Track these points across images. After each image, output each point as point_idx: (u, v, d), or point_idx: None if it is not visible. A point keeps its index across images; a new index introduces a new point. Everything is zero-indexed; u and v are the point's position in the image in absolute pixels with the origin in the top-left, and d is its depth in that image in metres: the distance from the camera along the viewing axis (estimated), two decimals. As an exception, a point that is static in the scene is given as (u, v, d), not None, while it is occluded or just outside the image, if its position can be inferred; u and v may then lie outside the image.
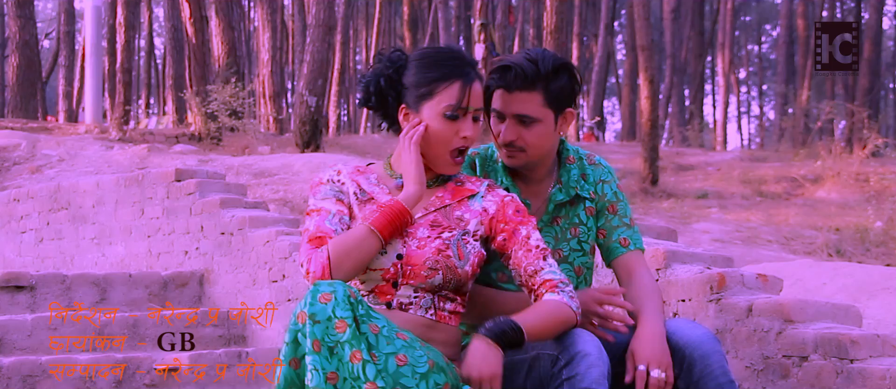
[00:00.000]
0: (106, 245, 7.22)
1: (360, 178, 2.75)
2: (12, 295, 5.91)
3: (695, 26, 33.80)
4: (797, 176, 15.63)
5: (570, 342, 2.53)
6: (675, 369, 2.63)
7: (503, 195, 2.73)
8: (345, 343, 2.29)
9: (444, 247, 2.61)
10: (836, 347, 3.21)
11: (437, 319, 2.63)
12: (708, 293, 3.67)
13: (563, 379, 2.47)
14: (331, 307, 2.30)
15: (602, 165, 3.04)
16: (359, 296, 2.38)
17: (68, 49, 29.96)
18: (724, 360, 2.62)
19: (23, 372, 4.95)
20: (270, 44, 25.77)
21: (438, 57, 2.69)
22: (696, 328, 2.67)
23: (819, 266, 5.95)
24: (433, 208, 2.69)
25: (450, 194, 2.72)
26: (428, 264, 2.59)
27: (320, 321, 2.31)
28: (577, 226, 2.95)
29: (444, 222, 2.67)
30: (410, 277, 2.60)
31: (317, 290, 2.34)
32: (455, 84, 2.64)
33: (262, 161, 12.36)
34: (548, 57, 2.84)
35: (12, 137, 14.66)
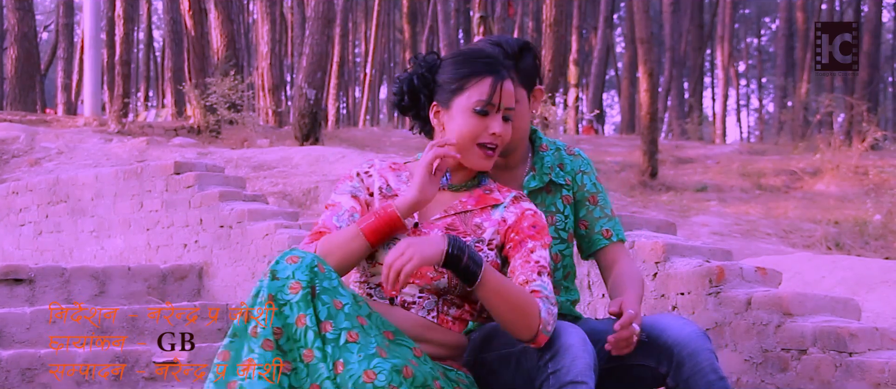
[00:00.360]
0: (105, 238, 7.22)
1: (391, 174, 2.75)
2: (11, 288, 5.91)
3: (694, 19, 33.78)
4: (796, 169, 15.64)
5: (554, 335, 2.53)
6: (664, 367, 2.63)
7: (525, 209, 2.70)
8: (293, 304, 2.32)
9: None
10: (835, 340, 3.21)
11: (439, 322, 2.62)
12: (707, 287, 3.67)
13: (549, 373, 2.47)
14: (292, 269, 2.34)
15: (581, 156, 3.04)
16: (331, 274, 2.39)
17: (67, 41, 29.93)
18: (713, 357, 2.61)
19: (22, 365, 4.95)
20: (269, 36, 25.73)
21: (472, 55, 2.71)
22: (686, 325, 2.65)
23: (818, 260, 5.95)
24: (452, 212, 2.67)
25: (474, 201, 2.71)
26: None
27: (278, 279, 2.35)
28: (553, 214, 2.96)
29: (460, 227, 2.65)
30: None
31: (288, 253, 2.38)
32: (486, 80, 2.64)
33: (261, 154, 12.36)
34: (509, 39, 2.91)
35: (11, 130, 14.66)
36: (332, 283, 2.37)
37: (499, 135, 2.65)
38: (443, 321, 2.62)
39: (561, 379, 2.44)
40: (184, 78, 20.05)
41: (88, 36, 19.36)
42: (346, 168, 10.90)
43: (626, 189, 13.52)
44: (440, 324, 2.62)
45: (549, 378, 2.47)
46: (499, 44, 2.87)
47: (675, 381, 2.61)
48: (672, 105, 35.05)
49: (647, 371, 2.65)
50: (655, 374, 2.65)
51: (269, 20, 26.67)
